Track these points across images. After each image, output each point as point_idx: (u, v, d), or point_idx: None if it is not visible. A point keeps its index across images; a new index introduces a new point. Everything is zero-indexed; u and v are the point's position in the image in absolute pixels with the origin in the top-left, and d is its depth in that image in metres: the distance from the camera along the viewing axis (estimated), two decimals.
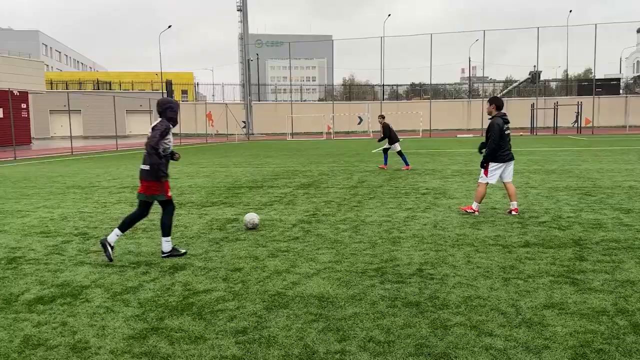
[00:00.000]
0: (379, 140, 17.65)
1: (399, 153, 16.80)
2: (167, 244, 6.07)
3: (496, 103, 8.24)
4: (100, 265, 5.76)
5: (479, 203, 8.28)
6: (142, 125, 57.51)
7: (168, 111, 6.00)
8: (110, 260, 5.87)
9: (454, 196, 10.17)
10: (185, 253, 6.16)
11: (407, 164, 16.26)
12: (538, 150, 23.70)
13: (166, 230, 6.05)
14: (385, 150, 17.08)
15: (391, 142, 16.95)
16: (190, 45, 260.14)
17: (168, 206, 6.08)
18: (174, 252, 6.08)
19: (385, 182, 12.71)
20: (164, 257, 6.03)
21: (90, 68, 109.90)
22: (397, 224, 7.60)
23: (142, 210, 6.05)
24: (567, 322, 3.85)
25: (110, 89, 64.86)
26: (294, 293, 4.69)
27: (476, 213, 8.17)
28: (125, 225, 6.04)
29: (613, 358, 3.28)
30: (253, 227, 7.51)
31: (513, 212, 8.08)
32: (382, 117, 17.65)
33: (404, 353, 3.44)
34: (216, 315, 4.20)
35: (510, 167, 8.23)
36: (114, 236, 5.97)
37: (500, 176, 8.20)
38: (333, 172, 15.75)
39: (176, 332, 3.88)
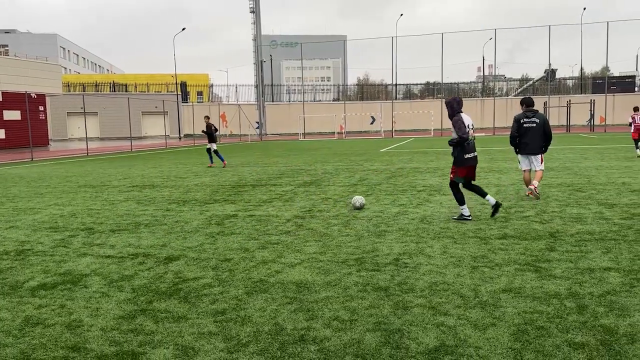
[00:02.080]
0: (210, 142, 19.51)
1: (215, 152, 19.12)
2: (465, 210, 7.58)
3: (524, 102, 9.44)
4: (101, 257, 6.20)
5: (527, 187, 9.54)
6: (157, 127, 58.41)
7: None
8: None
9: (448, 193, 10.45)
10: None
11: (223, 160, 18.81)
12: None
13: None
14: (213, 151, 19.27)
15: (211, 141, 19.30)
16: (208, 47, 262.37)
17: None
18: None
19: (385, 181, 13.03)
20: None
21: (108, 70, 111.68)
22: (386, 219, 7.94)
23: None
24: (519, 304, 4.17)
25: (126, 91, 65.98)
26: (275, 280, 5.07)
27: (530, 195, 9.28)
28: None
29: (550, 334, 3.60)
30: (360, 207, 8.80)
31: (530, 194, 9.22)
32: (207, 117, 20.05)
33: (362, 329, 3.80)
34: (200, 299, 4.60)
35: (533, 158, 9.40)
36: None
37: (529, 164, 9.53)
38: (337, 170, 16.11)
39: (162, 313, 4.28)
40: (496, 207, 7.59)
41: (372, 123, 59.85)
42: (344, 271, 5.28)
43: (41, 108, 37.74)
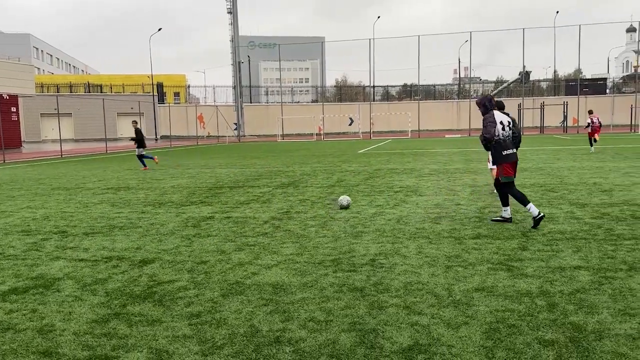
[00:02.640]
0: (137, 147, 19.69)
1: (140, 156, 19.49)
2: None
3: (497, 105, 9.55)
4: (74, 260, 6.11)
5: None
6: (133, 128, 57.70)
7: None
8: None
9: (425, 194, 10.57)
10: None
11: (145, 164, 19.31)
12: (519, 149, 24.16)
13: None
14: (138, 155, 19.61)
15: (140, 146, 19.56)
16: (185, 47, 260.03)
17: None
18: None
19: (363, 182, 13.10)
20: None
21: (82, 71, 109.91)
22: (363, 220, 7.99)
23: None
24: (491, 302, 4.24)
25: (101, 92, 65.03)
26: (252, 282, 5.06)
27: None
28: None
29: (522, 331, 3.67)
30: (347, 207, 8.95)
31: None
32: (135, 122, 20.23)
33: (338, 330, 3.82)
34: (175, 302, 4.57)
35: None
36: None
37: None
38: (315, 172, 16.13)
39: (136, 317, 4.24)
40: (507, 220, 7.32)
41: (350, 124, 60.06)
42: (320, 272, 5.30)
43: (13, 109, 36.99)
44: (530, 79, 66.57)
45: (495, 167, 9.43)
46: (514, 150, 7.24)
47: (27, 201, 11.29)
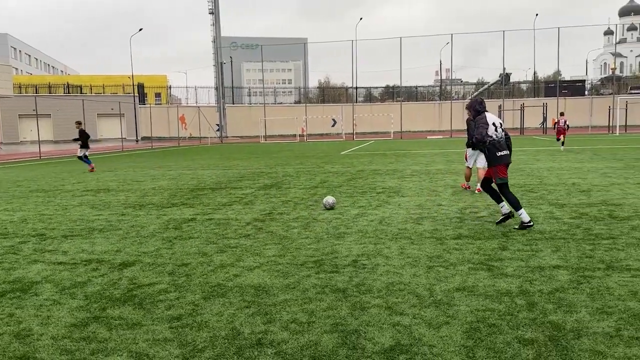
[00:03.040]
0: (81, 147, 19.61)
1: (84, 157, 19.35)
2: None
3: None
4: (52, 263, 6.01)
5: (467, 182, 11.12)
6: (113, 129, 57.04)
7: None
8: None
9: (407, 194, 10.63)
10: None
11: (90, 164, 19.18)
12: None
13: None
14: (83, 155, 19.48)
15: (83, 147, 19.46)
16: (166, 48, 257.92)
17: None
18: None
19: (345, 183, 13.12)
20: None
21: (62, 71, 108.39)
22: (346, 221, 7.99)
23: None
24: (472, 302, 4.28)
25: (81, 93, 64.19)
26: (234, 284, 5.03)
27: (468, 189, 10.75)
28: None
29: (501, 331, 3.70)
30: (331, 207, 9.03)
31: (476, 191, 10.32)
32: (79, 123, 20.14)
33: (320, 331, 3.82)
34: (156, 305, 4.52)
35: (482, 155, 9.76)
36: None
37: (475, 161, 10.57)
38: (298, 173, 16.11)
39: (115, 320, 4.18)
40: (506, 217, 7.15)
41: (333, 125, 60.14)
42: (302, 273, 5.29)
43: None
44: (511, 80, 67.46)
45: (481, 166, 9.88)
46: (508, 152, 7.16)
47: (5, 204, 11.09)
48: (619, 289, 4.49)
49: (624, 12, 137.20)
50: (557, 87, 56.69)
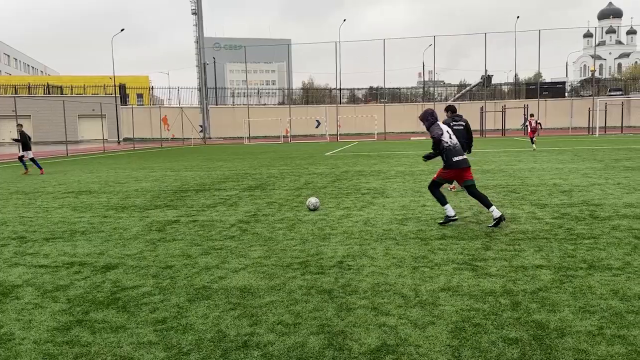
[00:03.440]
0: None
1: (32, 160, 19.34)
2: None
3: (449, 109, 11.05)
4: (34, 266, 5.92)
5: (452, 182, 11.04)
6: (94, 130, 56.34)
7: None
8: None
9: (391, 195, 10.67)
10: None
11: (40, 168, 19.08)
12: (481, 151, 24.65)
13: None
14: (30, 159, 19.47)
15: (26, 149, 19.49)
16: (149, 49, 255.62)
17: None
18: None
19: (330, 184, 13.13)
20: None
21: (42, 72, 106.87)
22: (331, 222, 8.00)
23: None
24: (457, 302, 4.31)
25: (61, 93, 63.32)
26: (219, 286, 5.01)
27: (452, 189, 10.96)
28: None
29: (486, 330, 3.74)
30: (315, 208, 9.06)
31: (452, 189, 10.89)
32: (20, 125, 20.32)
33: (306, 332, 3.81)
34: (140, 308, 4.47)
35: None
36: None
37: None
38: (282, 174, 16.08)
39: (99, 324, 4.13)
40: (498, 220, 7.08)
41: (317, 127, 60.16)
42: (288, 275, 5.28)
43: None
44: (492, 82, 68.11)
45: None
46: (464, 157, 7.45)
47: None
48: (601, 288, 4.56)
49: (603, 15, 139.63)
50: (538, 89, 57.43)
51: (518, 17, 57.39)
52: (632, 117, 56.40)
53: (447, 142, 7.42)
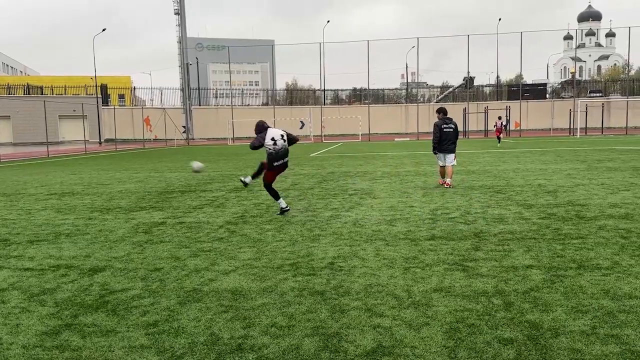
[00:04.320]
0: None
1: None
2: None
3: (441, 111, 11.81)
4: (19, 270, 5.80)
5: (441, 177, 12.02)
6: (75, 131, 55.55)
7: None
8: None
9: (379, 196, 10.68)
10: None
11: None
12: (465, 152, 24.82)
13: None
14: None
15: None
16: (131, 49, 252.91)
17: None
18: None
19: (317, 185, 13.11)
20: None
21: (21, 72, 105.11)
22: (320, 223, 7.97)
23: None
24: (450, 302, 4.32)
25: (41, 94, 62.34)
26: (209, 288, 4.95)
27: (445, 185, 11.59)
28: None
29: (481, 331, 3.74)
30: (198, 171, 10.04)
31: (446, 185, 11.54)
32: None
33: (301, 335, 3.78)
34: (130, 311, 4.40)
35: (449, 156, 11.64)
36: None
37: (444, 161, 11.76)
38: None
39: (89, 327, 4.06)
40: (283, 211, 8.73)
41: (301, 128, 60.07)
42: (279, 277, 5.24)
43: None
44: (474, 84, 68.68)
45: (449, 164, 11.56)
46: (284, 161, 8.90)
47: None
48: (592, 287, 4.60)
49: (582, 18, 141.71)
50: (519, 91, 58.07)
51: (500, 19, 57.99)
52: (612, 119, 57.27)
53: (269, 148, 8.54)
